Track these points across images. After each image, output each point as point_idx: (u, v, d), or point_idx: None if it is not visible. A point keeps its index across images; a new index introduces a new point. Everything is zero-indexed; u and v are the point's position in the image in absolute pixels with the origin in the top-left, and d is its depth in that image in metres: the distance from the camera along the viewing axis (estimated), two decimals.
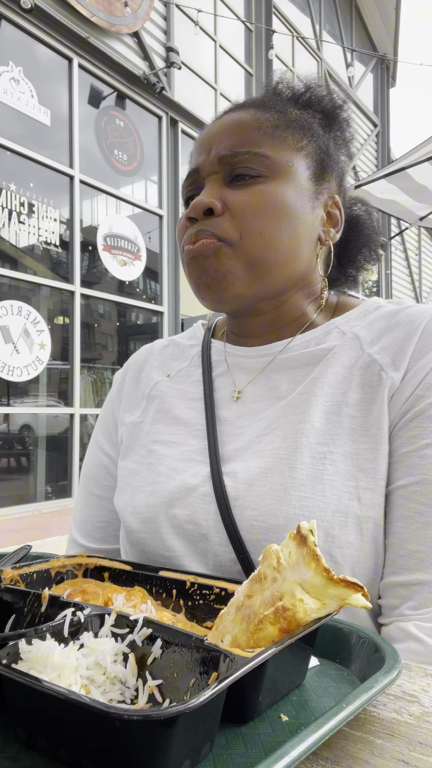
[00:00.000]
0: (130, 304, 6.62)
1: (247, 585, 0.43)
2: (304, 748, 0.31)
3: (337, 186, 0.77)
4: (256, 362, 0.75)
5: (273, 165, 0.70)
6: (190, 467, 0.71)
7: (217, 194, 0.70)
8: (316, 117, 0.77)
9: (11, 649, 0.36)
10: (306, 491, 0.62)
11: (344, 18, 11.08)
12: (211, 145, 0.72)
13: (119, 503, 0.76)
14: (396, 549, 0.62)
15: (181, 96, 7.11)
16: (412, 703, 0.41)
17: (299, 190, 0.71)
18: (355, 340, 0.70)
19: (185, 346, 0.86)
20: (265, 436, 0.68)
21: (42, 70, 5.63)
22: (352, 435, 0.64)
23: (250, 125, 0.71)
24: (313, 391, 0.67)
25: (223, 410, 0.74)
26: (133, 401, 0.84)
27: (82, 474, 0.89)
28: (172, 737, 0.30)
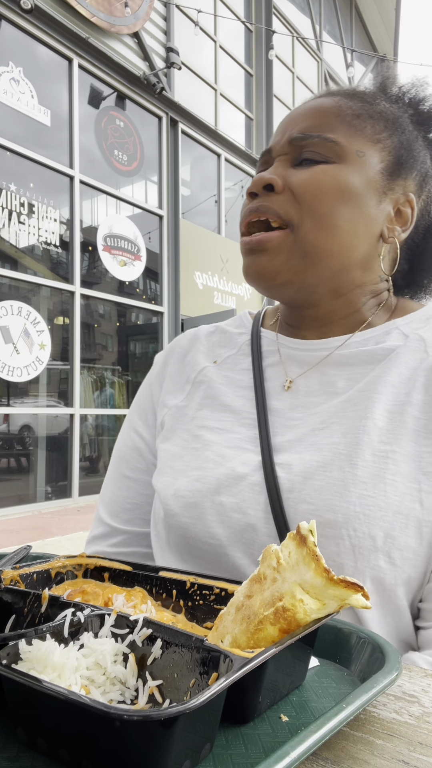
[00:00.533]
0: (130, 305, 6.62)
1: (246, 585, 0.43)
2: (304, 749, 0.31)
3: (416, 185, 0.74)
4: (310, 355, 0.74)
5: (342, 152, 0.68)
6: (239, 455, 0.69)
7: (280, 173, 0.70)
8: (409, 112, 0.75)
9: (11, 649, 0.36)
10: (367, 489, 0.61)
11: (344, 18, 11.08)
12: (287, 126, 0.72)
13: (159, 485, 0.74)
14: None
15: (181, 96, 7.11)
16: (412, 703, 0.41)
17: (365, 181, 0.69)
18: (420, 342, 0.69)
19: (233, 333, 0.84)
20: (322, 430, 0.67)
21: (42, 70, 5.63)
22: (415, 437, 0.63)
23: (329, 111, 0.71)
24: (375, 389, 0.66)
25: (273, 401, 0.73)
26: (176, 384, 0.82)
27: (114, 454, 0.87)
28: (172, 737, 0.30)
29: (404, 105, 0.76)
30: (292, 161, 0.71)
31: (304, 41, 9.82)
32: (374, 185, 0.69)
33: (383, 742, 0.36)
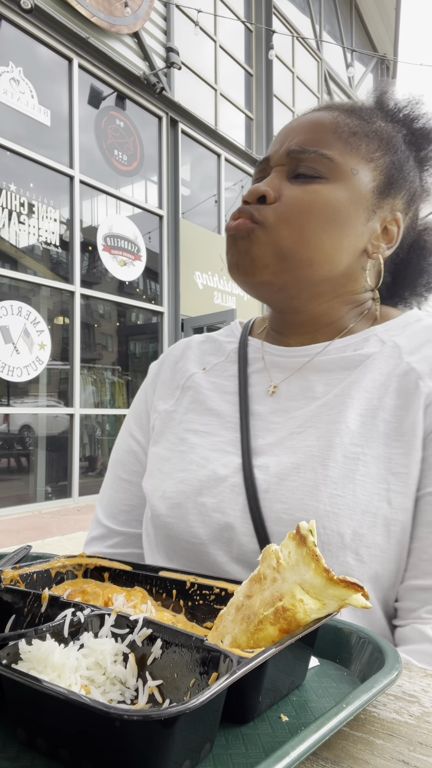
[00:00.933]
0: (130, 305, 6.62)
1: (246, 585, 0.43)
2: (304, 749, 0.31)
3: (404, 204, 0.77)
4: (292, 361, 0.77)
5: (336, 168, 0.71)
6: (222, 457, 0.72)
7: (276, 185, 0.72)
8: (402, 132, 0.78)
9: (11, 649, 0.36)
10: (337, 489, 0.63)
11: (344, 18, 11.09)
12: (286, 137, 0.74)
13: (148, 487, 0.77)
14: (419, 553, 0.63)
15: (181, 96, 7.11)
16: (412, 703, 0.41)
17: (356, 199, 0.72)
18: (395, 348, 0.71)
19: (222, 342, 0.87)
20: (299, 434, 0.70)
21: (42, 70, 5.63)
22: (385, 439, 0.66)
23: (327, 127, 0.73)
24: (350, 394, 0.69)
25: (256, 405, 0.76)
26: (167, 390, 0.86)
27: (111, 458, 0.91)
28: (172, 737, 0.30)
29: (399, 123, 0.79)
30: (289, 173, 0.73)
31: (304, 41, 9.82)
32: (364, 203, 0.72)
33: (383, 742, 0.36)
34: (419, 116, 0.80)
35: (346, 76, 10.56)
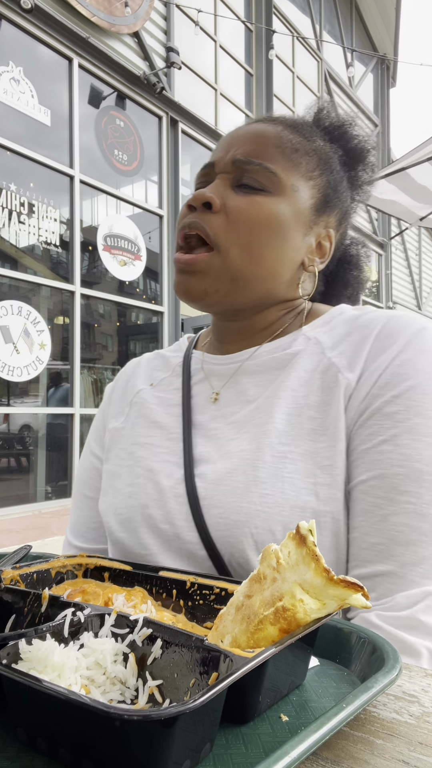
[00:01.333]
0: (130, 304, 6.62)
1: (246, 585, 0.43)
2: (304, 748, 0.31)
3: (336, 221, 0.81)
4: (227, 368, 0.79)
5: (279, 183, 0.73)
6: (165, 468, 0.74)
7: (220, 192, 0.74)
8: (339, 153, 0.81)
9: (11, 649, 0.36)
10: (267, 488, 0.65)
11: (344, 18, 11.08)
12: (231, 145, 0.76)
13: (102, 506, 0.80)
14: (358, 542, 0.64)
15: (181, 96, 7.11)
16: (412, 703, 0.41)
17: (296, 214, 0.74)
18: (318, 345, 0.73)
19: (169, 357, 0.91)
20: (235, 439, 0.72)
21: (42, 70, 5.63)
22: (312, 435, 0.67)
23: (271, 140, 0.75)
24: (277, 395, 0.71)
25: (198, 415, 0.78)
26: (118, 408, 0.89)
27: (75, 478, 0.94)
28: (172, 737, 0.30)
29: (335, 143, 0.82)
30: (233, 182, 0.75)
31: (304, 41, 9.82)
32: (302, 219, 0.75)
33: (383, 742, 0.36)
34: (354, 136, 0.84)
35: (346, 76, 10.55)
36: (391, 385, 0.65)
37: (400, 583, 0.60)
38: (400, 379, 0.65)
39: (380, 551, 0.62)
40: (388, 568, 0.61)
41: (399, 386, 0.65)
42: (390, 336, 0.69)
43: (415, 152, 3.96)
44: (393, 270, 12.17)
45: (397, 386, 0.65)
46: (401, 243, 12.60)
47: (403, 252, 12.77)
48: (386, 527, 0.62)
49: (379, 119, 11.96)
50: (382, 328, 0.70)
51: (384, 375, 0.66)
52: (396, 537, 0.61)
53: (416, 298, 13.32)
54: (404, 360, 0.66)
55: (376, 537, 0.63)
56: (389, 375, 0.66)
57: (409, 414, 0.64)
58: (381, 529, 0.62)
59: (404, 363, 0.66)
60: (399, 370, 0.66)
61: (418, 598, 0.59)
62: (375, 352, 0.68)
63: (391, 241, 11.89)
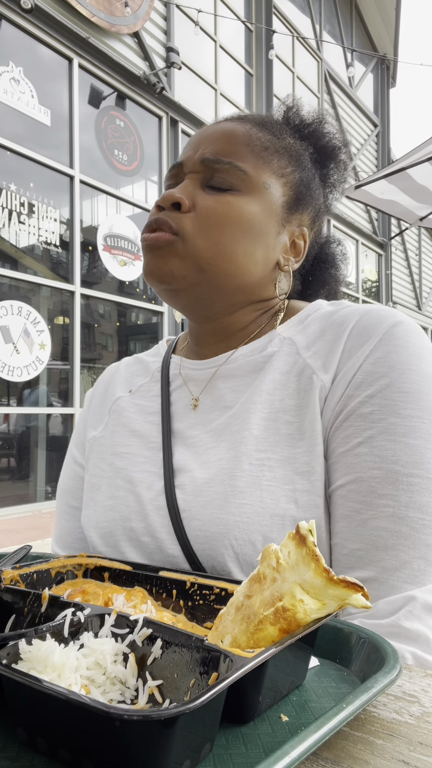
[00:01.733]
0: (130, 304, 6.62)
1: (246, 585, 0.43)
2: (304, 749, 0.31)
3: (310, 220, 0.80)
4: (204, 373, 0.78)
5: (249, 181, 0.72)
6: (146, 479, 0.73)
7: (190, 192, 0.72)
8: (309, 150, 0.80)
9: (11, 649, 0.36)
10: (245, 498, 0.63)
11: (344, 18, 11.08)
12: (199, 144, 0.75)
13: (84, 519, 0.78)
14: (339, 548, 0.63)
15: (181, 96, 7.11)
16: (412, 703, 0.41)
17: (268, 212, 0.73)
18: (292, 345, 0.71)
19: (148, 362, 0.88)
20: (213, 448, 0.70)
21: (42, 70, 5.63)
22: (289, 440, 0.66)
23: (240, 139, 0.74)
24: (253, 400, 0.69)
25: (177, 422, 0.76)
26: (97, 417, 0.87)
27: (58, 488, 0.91)
28: (172, 737, 0.30)
29: (306, 140, 0.81)
30: (203, 181, 0.74)
31: (304, 41, 9.82)
32: (275, 217, 0.74)
33: (383, 742, 0.36)
34: (324, 134, 0.83)
35: (346, 76, 10.55)
36: (365, 384, 0.64)
37: (382, 589, 0.59)
38: (374, 377, 0.63)
39: (361, 557, 0.61)
40: (370, 574, 0.60)
41: (373, 385, 0.63)
42: (363, 333, 0.66)
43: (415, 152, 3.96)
44: (393, 270, 12.17)
45: (371, 385, 0.63)
46: (401, 243, 12.60)
47: (403, 252, 12.78)
48: (365, 532, 0.61)
49: (379, 119, 11.96)
50: (356, 324, 0.67)
51: (358, 374, 0.64)
52: (375, 542, 0.60)
53: (416, 298, 13.32)
54: (378, 358, 0.64)
55: (356, 543, 0.61)
56: (363, 374, 0.64)
57: (384, 414, 0.62)
58: (360, 534, 0.61)
59: (378, 361, 0.64)
60: (372, 369, 0.64)
61: (400, 604, 0.58)
62: (349, 350, 0.66)
63: (391, 241, 11.89)
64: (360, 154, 11.06)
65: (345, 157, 0.84)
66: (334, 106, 10.39)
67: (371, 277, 11.75)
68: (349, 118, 10.94)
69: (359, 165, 11.00)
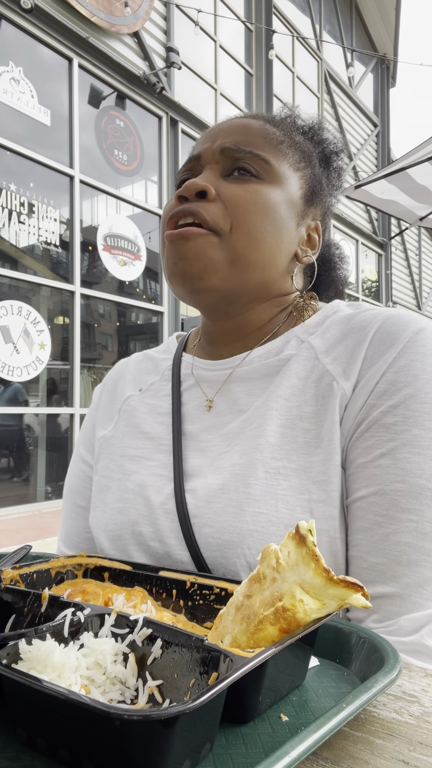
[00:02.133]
0: (130, 304, 6.62)
1: (246, 585, 0.43)
2: (304, 748, 0.31)
3: (321, 216, 0.80)
4: (218, 374, 0.76)
5: (271, 171, 0.71)
6: (156, 482, 0.71)
7: (213, 181, 0.71)
8: (317, 150, 0.81)
9: (11, 649, 0.36)
10: (260, 506, 0.62)
11: (344, 18, 11.08)
12: (217, 136, 0.73)
13: (92, 521, 0.77)
14: (358, 561, 0.62)
15: (181, 96, 7.10)
16: (412, 703, 0.41)
17: (290, 203, 0.73)
18: (310, 350, 0.69)
19: (159, 360, 0.86)
20: (226, 452, 0.69)
21: (42, 70, 5.63)
22: (306, 448, 0.64)
23: (258, 131, 0.73)
24: (269, 405, 0.67)
25: (188, 424, 0.75)
26: (107, 416, 0.85)
27: (65, 487, 0.89)
28: (172, 737, 0.30)
29: (311, 142, 0.81)
30: (223, 171, 0.72)
31: (304, 41, 9.82)
32: (295, 208, 0.73)
33: (383, 742, 0.36)
34: (324, 139, 0.83)
35: (346, 76, 10.54)
36: (388, 393, 0.62)
37: (404, 605, 0.58)
38: (397, 387, 0.62)
39: (382, 572, 0.59)
40: (391, 589, 0.59)
41: (396, 395, 0.61)
42: (386, 339, 0.64)
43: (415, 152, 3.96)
44: (393, 270, 12.16)
45: (395, 395, 0.61)
46: (401, 243, 12.60)
47: (403, 252, 12.77)
48: (387, 547, 0.59)
49: (379, 119, 11.96)
50: (378, 330, 0.66)
51: (380, 383, 0.62)
52: (398, 557, 0.59)
53: (416, 298, 13.32)
54: (401, 366, 0.62)
55: (377, 557, 0.60)
56: (386, 383, 0.62)
57: (407, 425, 0.60)
58: (382, 548, 0.60)
59: (401, 369, 0.62)
60: (396, 378, 0.62)
61: (423, 622, 0.57)
62: (370, 357, 0.64)
63: (391, 241, 11.88)
64: (360, 154, 11.06)
65: (342, 163, 0.85)
66: (334, 106, 10.39)
67: (371, 277, 11.75)
68: (349, 118, 10.94)
69: (359, 165, 11.00)
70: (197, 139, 0.80)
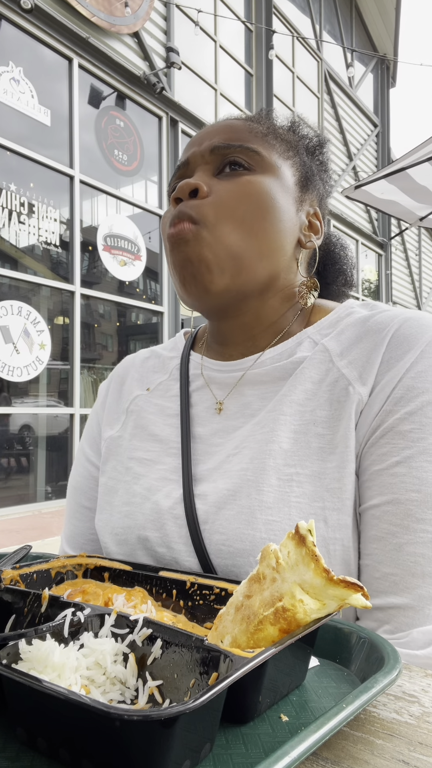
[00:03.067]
0: (130, 304, 6.62)
1: (245, 585, 0.43)
2: (304, 749, 0.31)
3: (317, 203, 0.79)
4: (229, 377, 0.74)
5: (262, 161, 0.71)
6: (164, 487, 0.70)
7: (206, 180, 0.70)
8: (303, 141, 0.80)
9: (11, 649, 0.36)
10: (273, 514, 0.61)
11: (344, 18, 11.08)
12: (203, 140, 0.73)
13: (99, 523, 0.76)
14: (371, 571, 0.60)
15: (181, 96, 7.10)
16: (412, 703, 0.41)
17: (286, 190, 0.72)
18: (325, 352, 0.68)
19: (166, 357, 0.85)
20: (235, 456, 0.67)
21: (42, 70, 5.63)
22: (319, 454, 0.63)
23: (243, 128, 0.73)
24: (281, 410, 0.66)
25: (198, 427, 0.73)
26: (113, 415, 0.84)
27: (69, 486, 0.88)
28: (172, 737, 0.30)
29: (296, 135, 0.80)
30: (214, 170, 0.71)
31: (304, 41, 9.82)
32: (292, 195, 0.73)
33: (383, 742, 0.36)
34: (303, 136, 0.81)
35: (346, 76, 10.54)
36: (405, 400, 0.60)
37: (417, 617, 0.57)
38: (414, 393, 0.60)
39: (395, 582, 0.58)
40: (404, 601, 0.58)
41: (413, 401, 0.60)
42: (403, 343, 0.63)
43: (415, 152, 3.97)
44: (393, 270, 12.17)
45: (412, 401, 0.60)
46: (401, 243, 12.60)
47: (403, 252, 12.77)
48: (401, 557, 0.58)
49: (379, 119, 11.96)
50: (396, 333, 0.64)
51: (397, 389, 0.61)
52: (412, 568, 0.58)
53: (416, 299, 13.32)
54: (419, 371, 0.61)
55: (390, 567, 0.59)
56: (403, 389, 0.61)
57: (424, 433, 0.59)
58: (395, 558, 0.58)
59: (419, 375, 0.61)
60: (413, 383, 0.61)
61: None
62: (387, 361, 0.63)
63: (391, 241, 11.88)
64: (360, 154, 11.06)
65: (325, 157, 0.83)
66: (334, 106, 10.39)
67: (371, 277, 11.75)
68: (349, 118, 10.94)
69: (359, 165, 11.00)
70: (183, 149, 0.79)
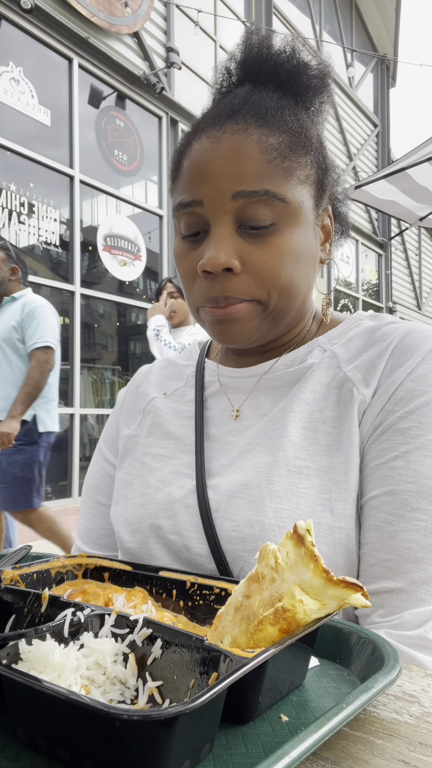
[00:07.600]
0: (130, 304, 6.62)
1: (244, 585, 0.43)
2: (304, 748, 0.31)
3: (330, 191, 0.75)
4: (245, 382, 0.78)
5: (288, 209, 0.66)
6: (178, 479, 0.74)
7: (232, 249, 0.66)
8: (299, 105, 0.72)
9: (11, 649, 0.37)
10: (281, 503, 0.65)
11: (344, 18, 11.08)
12: (215, 174, 0.66)
13: (113, 515, 0.79)
14: (367, 558, 0.64)
15: (181, 96, 7.11)
16: (412, 703, 0.41)
17: (306, 227, 0.69)
18: (333, 358, 0.72)
19: (182, 366, 0.89)
20: (249, 452, 0.71)
21: (42, 70, 5.63)
22: (327, 450, 0.67)
23: (257, 156, 0.65)
24: (291, 408, 0.70)
25: (212, 428, 0.78)
26: (130, 415, 0.88)
27: (86, 484, 0.92)
28: (172, 737, 0.30)
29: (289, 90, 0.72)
30: (236, 222, 0.66)
31: (304, 41, 9.81)
32: (311, 225, 0.71)
33: (383, 742, 0.36)
34: (302, 73, 0.72)
35: (346, 76, 10.55)
36: (405, 400, 0.65)
37: (409, 600, 0.60)
38: (414, 394, 0.65)
39: (389, 567, 0.61)
40: (397, 585, 0.61)
41: (413, 402, 0.65)
42: (406, 351, 0.68)
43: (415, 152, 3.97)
44: (393, 270, 12.17)
45: (411, 402, 0.65)
46: (401, 243, 12.60)
47: (403, 252, 12.78)
48: (396, 544, 0.62)
49: (379, 119, 11.96)
50: (399, 343, 0.69)
51: (398, 390, 0.66)
52: (405, 554, 0.61)
53: (416, 299, 13.32)
54: (419, 375, 0.66)
55: (385, 553, 0.62)
56: (403, 390, 0.66)
57: (422, 430, 0.64)
58: (390, 545, 0.62)
59: (419, 378, 0.66)
60: (413, 386, 0.65)
61: (427, 617, 0.59)
62: (390, 367, 0.68)
63: (391, 241, 11.89)
64: (360, 155, 11.06)
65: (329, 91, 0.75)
66: (334, 106, 10.38)
67: (371, 277, 11.75)
68: (349, 118, 10.94)
69: (359, 165, 11.00)
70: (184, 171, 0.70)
